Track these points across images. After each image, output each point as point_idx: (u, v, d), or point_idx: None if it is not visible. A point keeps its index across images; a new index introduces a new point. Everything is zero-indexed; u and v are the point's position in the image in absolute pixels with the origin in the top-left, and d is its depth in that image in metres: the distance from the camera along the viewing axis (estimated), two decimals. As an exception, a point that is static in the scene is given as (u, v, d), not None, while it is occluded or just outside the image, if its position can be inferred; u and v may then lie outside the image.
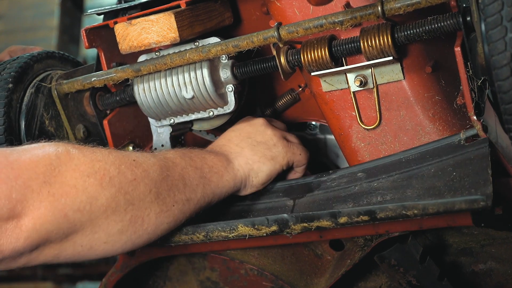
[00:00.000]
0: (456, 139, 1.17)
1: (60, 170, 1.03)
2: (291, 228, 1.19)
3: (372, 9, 1.17)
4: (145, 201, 1.13)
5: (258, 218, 1.21)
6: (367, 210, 1.12)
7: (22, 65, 1.43)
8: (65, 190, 1.03)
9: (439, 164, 1.16)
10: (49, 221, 1.01)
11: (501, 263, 1.33)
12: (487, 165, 1.07)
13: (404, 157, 1.22)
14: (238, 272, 1.54)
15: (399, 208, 1.09)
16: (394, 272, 1.27)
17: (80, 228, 1.06)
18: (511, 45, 0.95)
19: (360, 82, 1.30)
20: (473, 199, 1.03)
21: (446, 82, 1.30)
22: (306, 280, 1.42)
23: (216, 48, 1.31)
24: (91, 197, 1.05)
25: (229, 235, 1.23)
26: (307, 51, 1.28)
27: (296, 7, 1.33)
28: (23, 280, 3.92)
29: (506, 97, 0.96)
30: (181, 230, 1.26)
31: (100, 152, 1.11)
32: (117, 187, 1.09)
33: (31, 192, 0.99)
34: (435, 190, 1.11)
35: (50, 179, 1.02)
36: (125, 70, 1.40)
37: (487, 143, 1.12)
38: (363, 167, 1.26)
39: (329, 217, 1.15)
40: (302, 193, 1.29)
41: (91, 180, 1.06)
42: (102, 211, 1.07)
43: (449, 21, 1.16)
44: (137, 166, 1.13)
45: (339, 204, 1.19)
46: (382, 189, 1.18)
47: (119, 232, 1.11)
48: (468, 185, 1.07)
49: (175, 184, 1.18)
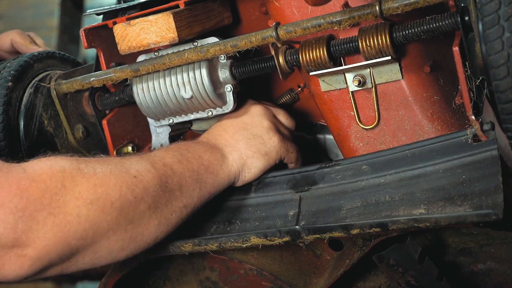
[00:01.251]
0: (463, 136, 1.16)
1: (65, 200, 1.04)
2: (304, 239, 1.21)
3: (370, 9, 1.17)
4: (145, 217, 1.14)
5: (270, 230, 1.22)
6: (380, 223, 1.12)
7: (22, 64, 1.43)
8: (69, 220, 1.04)
9: (447, 164, 1.15)
10: (52, 250, 1.03)
11: (501, 263, 1.33)
12: (497, 171, 1.07)
13: (410, 152, 1.21)
14: (237, 272, 1.54)
15: (411, 221, 1.10)
16: (393, 272, 1.27)
17: (82, 251, 1.08)
18: (508, 44, 0.94)
19: (358, 82, 1.30)
20: (485, 213, 1.03)
21: (445, 81, 1.30)
22: (305, 280, 1.42)
23: (214, 48, 1.31)
24: (94, 224, 1.07)
25: (242, 245, 1.25)
26: (305, 50, 1.28)
27: (294, 7, 1.33)
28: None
29: (504, 96, 0.96)
30: (194, 241, 1.28)
31: (102, 173, 1.11)
32: (118, 210, 1.10)
33: (36, 223, 1.01)
34: (444, 193, 1.11)
35: (54, 210, 1.03)
36: (124, 70, 1.40)
37: (496, 145, 1.11)
38: (367, 158, 1.25)
39: (341, 229, 1.16)
40: (307, 185, 1.28)
41: (94, 208, 1.07)
42: (103, 234, 1.09)
43: (447, 21, 1.16)
44: (137, 185, 1.14)
45: (347, 202, 1.19)
46: (389, 187, 1.18)
47: (120, 249, 1.13)
48: (478, 191, 1.07)
49: (173, 194, 1.19)
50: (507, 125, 0.99)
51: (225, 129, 1.35)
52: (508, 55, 0.94)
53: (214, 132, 1.36)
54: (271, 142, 1.34)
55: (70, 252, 1.06)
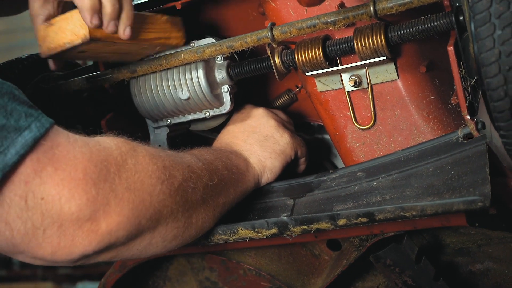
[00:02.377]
0: (454, 136, 1.17)
1: (140, 177, 1.01)
2: (291, 231, 1.19)
3: (364, 9, 1.17)
4: (197, 207, 1.13)
5: (258, 221, 1.21)
6: (366, 212, 1.12)
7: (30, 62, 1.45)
8: (144, 197, 1.01)
9: (437, 163, 1.15)
10: (124, 228, 0.99)
11: (498, 263, 1.32)
12: (485, 163, 1.07)
13: (404, 156, 1.22)
14: (236, 272, 1.54)
15: (398, 209, 1.09)
16: (390, 272, 1.27)
17: (143, 234, 1.04)
18: (499, 42, 0.94)
19: (354, 82, 1.30)
20: (471, 200, 1.02)
21: (441, 81, 1.30)
22: (303, 280, 1.42)
23: (210, 48, 1.32)
24: (162, 206, 1.04)
25: (230, 238, 1.23)
26: (301, 51, 1.28)
27: (291, 7, 1.33)
28: (23, 280, 3.92)
29: (495, 94, 0.96)
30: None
31: (165, 156, 1.08)
32: (180, 194, 1.08)
33: (114, 197, 0.97)
34: (433, 189, 1.10)
35: (131, 186, 1.00)
36: (121, 71, 1.41)
37: (484, 140, 1.12)
38: (363, 166, 1.26)
39: (328, 219, 1.15)
40: (302, 192, 1.29)
41: (163, 188, 1.04)
42: (165, 219, 1.06)
43: (442, 21, 1.16)
44: (193, 172, 1.12)
45: (339, 204, 1.19)
46: (381, 188, 1.18)
47: (173, 238, 1.10)
48: (466, 184, 1.06)
49: (217, 189, 1.18)
50: (499, 124, 0.99)
51: (235, 136, 1.35)
52: (499, 53, 0.94)
53: (225, 140, 1.35)
54: (283, 140, 1.35)
55: (136, 232, 1.02)
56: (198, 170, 1.13)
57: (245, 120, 1.37)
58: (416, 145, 1.22)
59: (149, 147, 1.09)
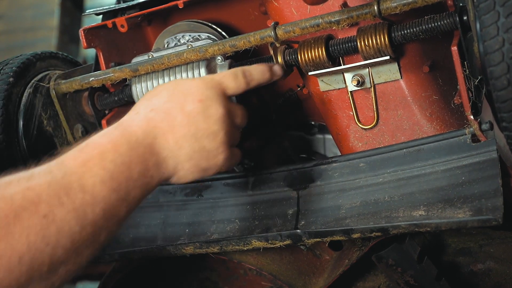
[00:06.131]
0: (461, 135, 1.16)
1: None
2: (305, 242, 1.21)
3: (368, 9, 1.17)
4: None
5: (272, 234, 1.23)
6: (380, 228, 1.13)
7: (24, 61, 1.44)
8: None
9: (446, 164, 1.15)
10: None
11: (500, 263, 1.32)
12: (497, 174, 1.07)
13: (407, 150, 1.21)
14: (237, 272, 1.53)
15: (412, 226, 1.10)
16: (392, 272, 1.27)
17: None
18: (507, 42, 0.94)
19: (357, 82, 1.30)
20: (486, 219, 1.04)
21: (444, 81, 1.30)
22: (304, 280, 1.42)
23: (213, 47, 1.31)
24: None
25: (243, 248, 1.25)
26: (304, 50, 1.28)
27: (293, 6, 1.33)
28: (22, 280, 3.90)
29: (501, 95, 0.96)
30: (195, 244, 1.29)
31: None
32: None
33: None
34: (444, 194, 1.11)
35: None
36: (123, 70, 1.40)
37: (495, 146, 1.11)
38: (364, 156, 1.25)
39: (342, 234, 1.17)
40: (304, 183, 1.28)
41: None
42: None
43: (446, 20, 1.16)
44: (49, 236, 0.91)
45: (346, 201, 1.20)
46: (388, 186, 1.18)
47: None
48: (478, 193, 1.07)
49: (96, 227, 0.98)
50: (505, 124, 0.99)
51: (172, 126, 1.10)
52: (506, 53, 0.94)
53: (156, 123, 1.10)
54: (215, 161, 1.15)
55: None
56: (60, 222, 0.92)
57: (196, 116, 1.12)
58: (419, 139, 1.22)
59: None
